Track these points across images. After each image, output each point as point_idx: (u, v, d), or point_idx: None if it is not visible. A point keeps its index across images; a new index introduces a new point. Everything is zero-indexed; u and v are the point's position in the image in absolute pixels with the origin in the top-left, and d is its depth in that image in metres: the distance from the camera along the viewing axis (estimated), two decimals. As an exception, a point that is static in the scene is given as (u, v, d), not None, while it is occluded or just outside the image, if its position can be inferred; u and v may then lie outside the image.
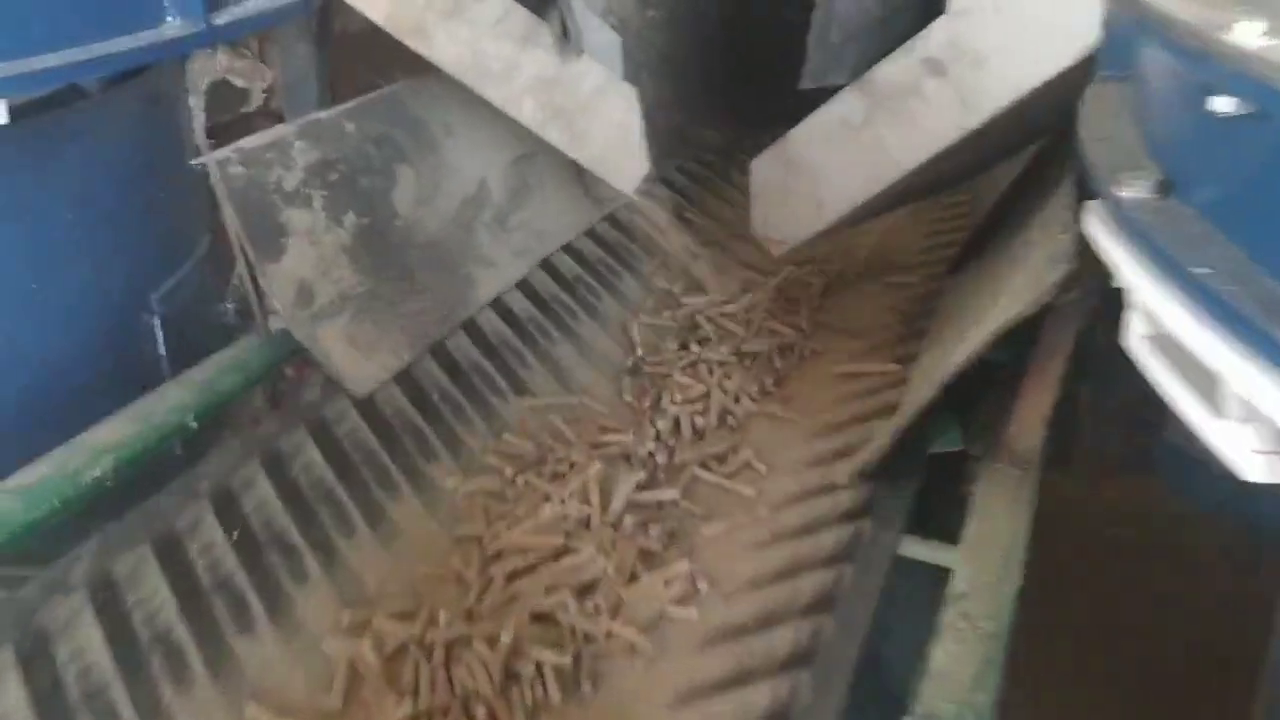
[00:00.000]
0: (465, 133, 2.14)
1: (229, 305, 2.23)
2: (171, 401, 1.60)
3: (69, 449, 1.45)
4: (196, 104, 2.01)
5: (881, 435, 1.57)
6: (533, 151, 2.29)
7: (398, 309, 1.91)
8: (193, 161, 1.65)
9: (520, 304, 2.14)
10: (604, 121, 1.99)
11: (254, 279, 1.71)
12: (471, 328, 2.02)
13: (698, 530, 1.62)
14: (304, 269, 1.76)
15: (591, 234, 2.43)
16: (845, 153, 1.77)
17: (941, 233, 2.51)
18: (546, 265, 2.27)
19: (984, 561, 1.40)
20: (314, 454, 1.64)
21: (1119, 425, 1.99)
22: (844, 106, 1.77)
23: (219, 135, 2.02)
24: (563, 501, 1.61)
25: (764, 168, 1.93)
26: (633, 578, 1.49)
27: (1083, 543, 2.14)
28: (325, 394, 1.75)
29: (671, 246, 2.22)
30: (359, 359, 1.78)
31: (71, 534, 1.40)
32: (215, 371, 1.73)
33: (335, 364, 1.73)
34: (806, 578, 1.49)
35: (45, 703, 1.21)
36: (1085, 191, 1.63)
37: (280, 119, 2.24)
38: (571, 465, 1.72)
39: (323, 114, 1.90)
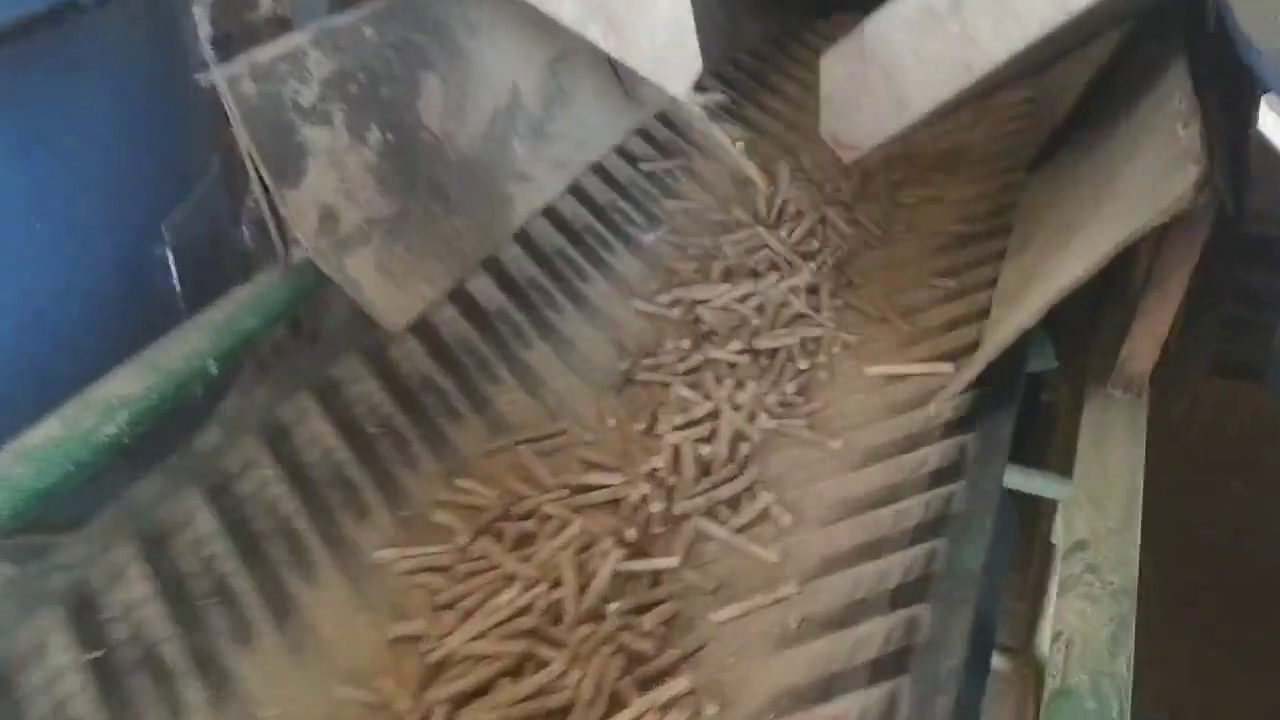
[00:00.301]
0: (493, 34, 1.95)
1: (245, 229, 2.07)
2: (189, 346, 1.45)
3: (80, 404, 1.30)
4: (201, 12, 1.83)
5: (967, 368, 1.39)
6: (566, 52, 2.09)
7: (431, 232, 1.74)
8: (199, 77, 1.48)
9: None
10: (651, 15, 1.79)
11: (272, 206, 1.55)
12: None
13: (704, 615, 1.18)
14: (327, 192, 1.59)
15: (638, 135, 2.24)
16: (930, 44, 1.58)
17: (1009, 133, 2.31)
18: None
19: (1104, 504, 1.25)
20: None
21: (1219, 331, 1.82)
22: None
23: (225, 47, 1.84)
24: (528, 585, 1.20)
25: (835, 64, 1.73)
26: (616, 704, 1.06)
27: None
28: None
29: (720, 141, 2.03)
30: (392, 290, 1.62)
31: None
32: (235, 310, 1.57)
33: (367, 296, 1.58)
34: (846, 696, 1.03)
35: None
36: (1216, 81, 1.44)
37: (289, 27, 2.05)
38: (544, 521, 1.31)
39: (338, 19, 1.71)
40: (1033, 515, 1.57)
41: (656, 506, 1.32)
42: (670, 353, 1.70)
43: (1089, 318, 1.67)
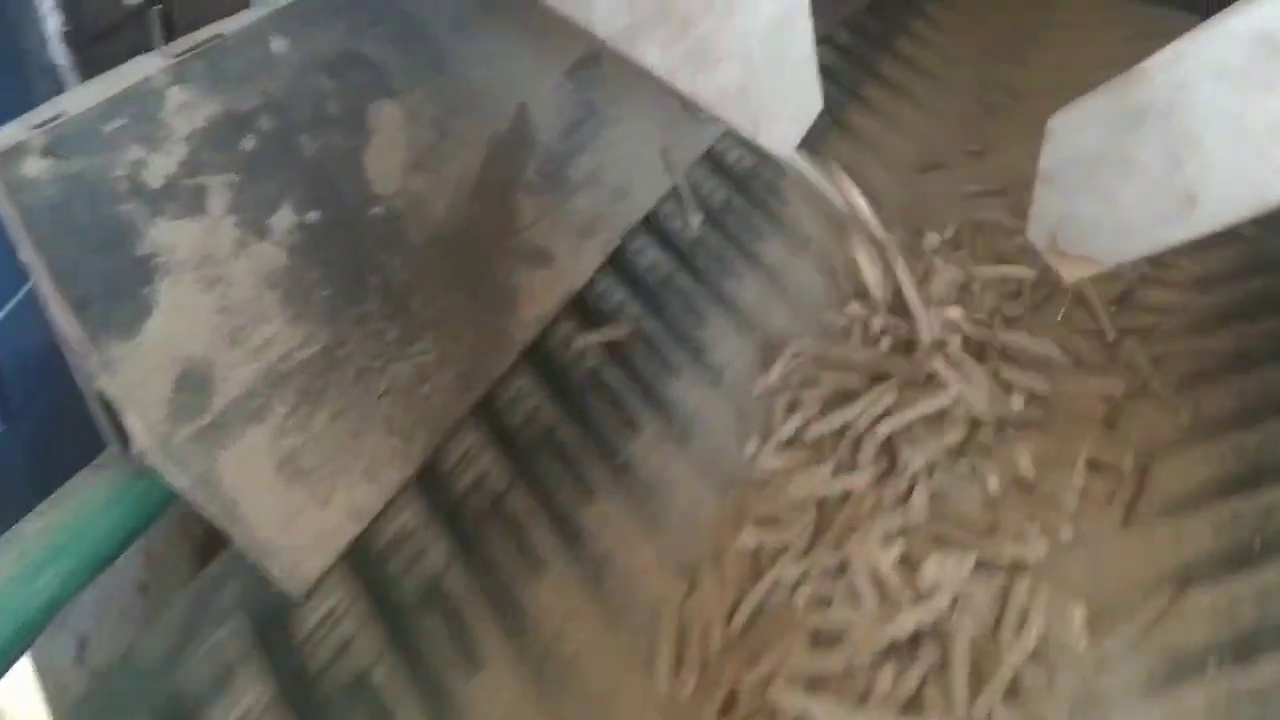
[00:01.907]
0: (489, 33, 1.25)
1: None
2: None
3: None
4: None
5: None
6: (595, 53, 1.40)
7: (381, 378, 1.06)
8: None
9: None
10: (743, 24, 1.09)
11: (90, 374, 0.87)
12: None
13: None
14: (190, 339, 0.92)
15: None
16: (1264, 101, 0.87)
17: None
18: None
19: None
20: None
21: None
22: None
23: (86, 50, 1.18)
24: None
25: (1080, 129, 1.03)
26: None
27: None
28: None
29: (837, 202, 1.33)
30: (302, 514, 0.95)
31: None
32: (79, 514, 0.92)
33: (255, 530, 0.91)
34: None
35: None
36: None
37: (171, 27, 1.34)
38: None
39: (231, 25, 1.02)
40: None
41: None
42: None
43: None
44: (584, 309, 1.34)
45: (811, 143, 1.27)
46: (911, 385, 1.21)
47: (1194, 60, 0.91)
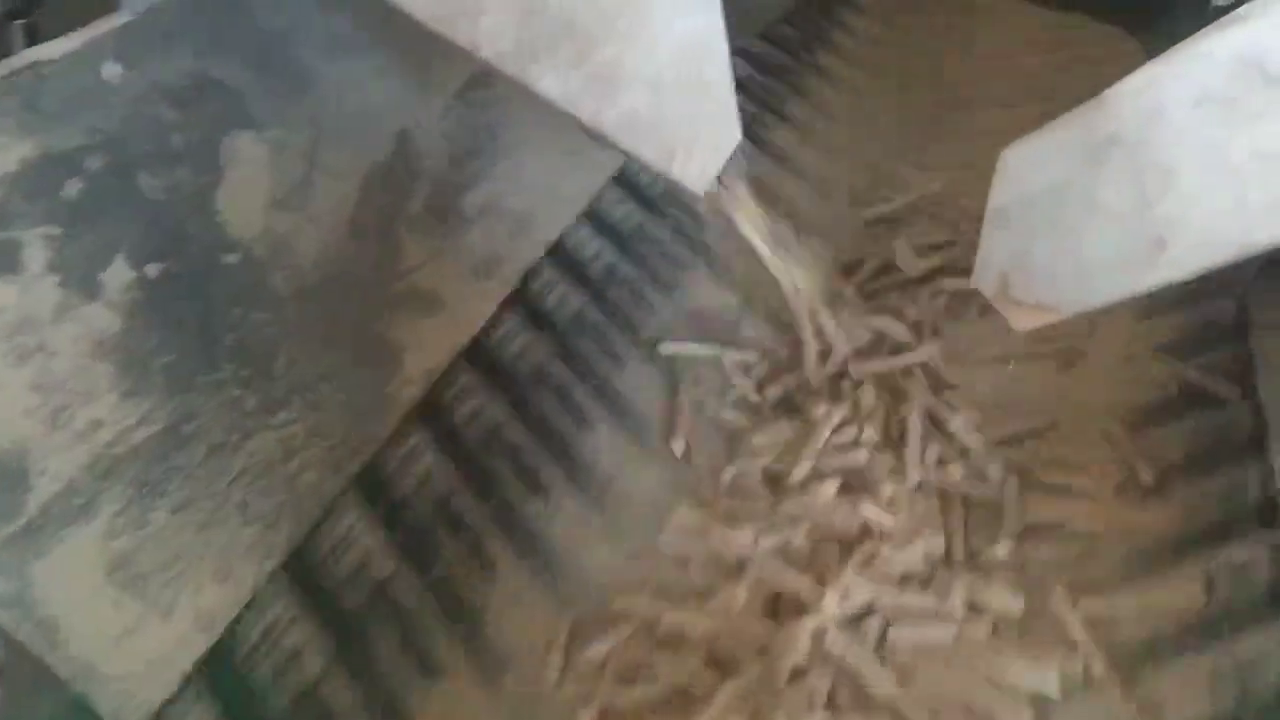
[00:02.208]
0: (366, 50, 1.11)
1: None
2: None
3: None
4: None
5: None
6: (489, 71, 1.25)
7: (236, 459, 0.91)
8: None
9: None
10: (651, 47, 0.96)
11: None
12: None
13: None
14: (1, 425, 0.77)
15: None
16: (1264, 131, 0.76)
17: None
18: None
19: None
20: None
21: None
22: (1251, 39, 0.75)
23: None
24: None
25: (1036, 164, 0.91)
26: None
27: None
28: None
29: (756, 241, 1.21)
30: (139, 634, 0.80)
31: None
32: None
33: (79, 659, 0.76)
34: None
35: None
36: None
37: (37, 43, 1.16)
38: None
39: (52, 50, 0.86)
40: None
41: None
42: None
43: None
44: (481, 357, 1.20)
45: (730, 168, 1.14)
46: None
47: (1169, 86, 0.80)
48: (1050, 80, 1.74)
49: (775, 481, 1.10)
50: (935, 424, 1.12)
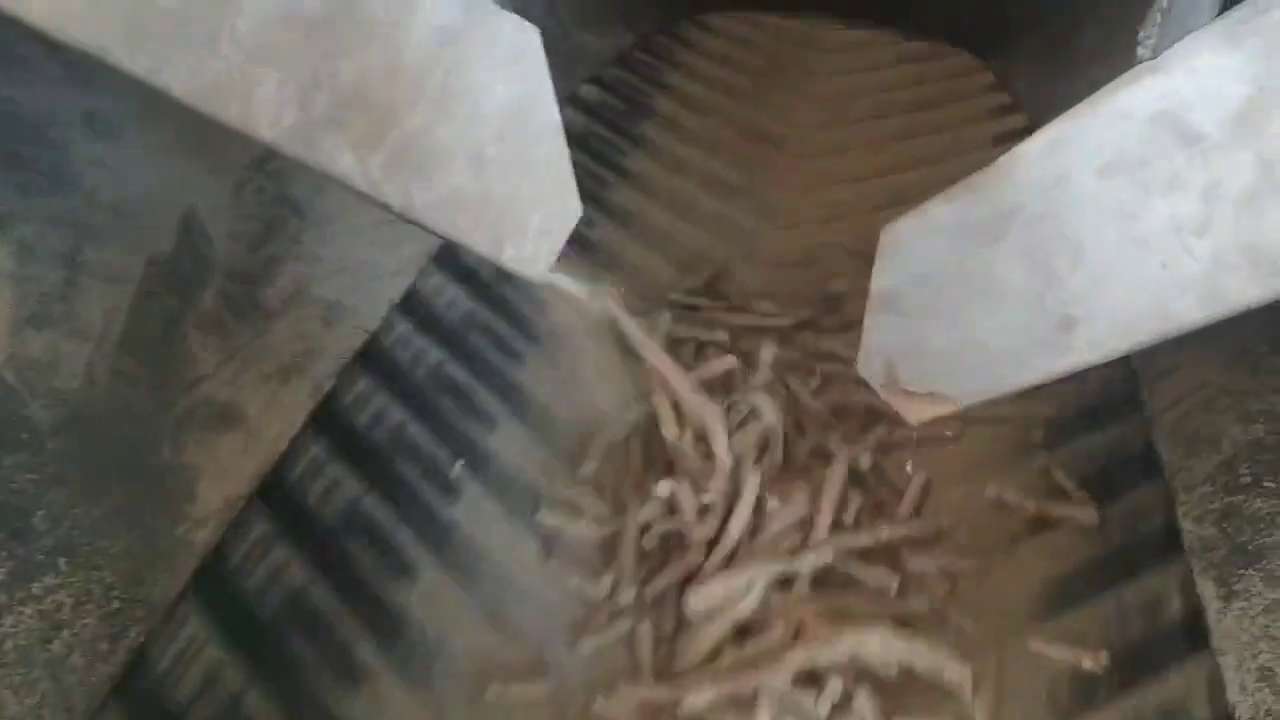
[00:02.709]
0: (139, 127, 0.94)
1: None
2: None
3: None
4: None
5: None
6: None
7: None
8: None
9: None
10: (467, 116, 0.82)
11: None
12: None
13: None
14: None
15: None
16: (1168, 198, 0.66)
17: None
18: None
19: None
20: None
21: None
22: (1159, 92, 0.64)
23: None
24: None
25: (920, 242, 0.79)
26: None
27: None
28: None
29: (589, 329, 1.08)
30: None
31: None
32: None
33: None
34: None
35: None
36: None
37: None
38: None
39: None
40: None
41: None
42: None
43: None
44: (282, 484, 1.02)
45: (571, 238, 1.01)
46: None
47: (1073, 151, 0.69)
48: (905, 123, 1.65)
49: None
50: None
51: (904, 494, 1.02)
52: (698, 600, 0.90)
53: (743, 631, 0.91)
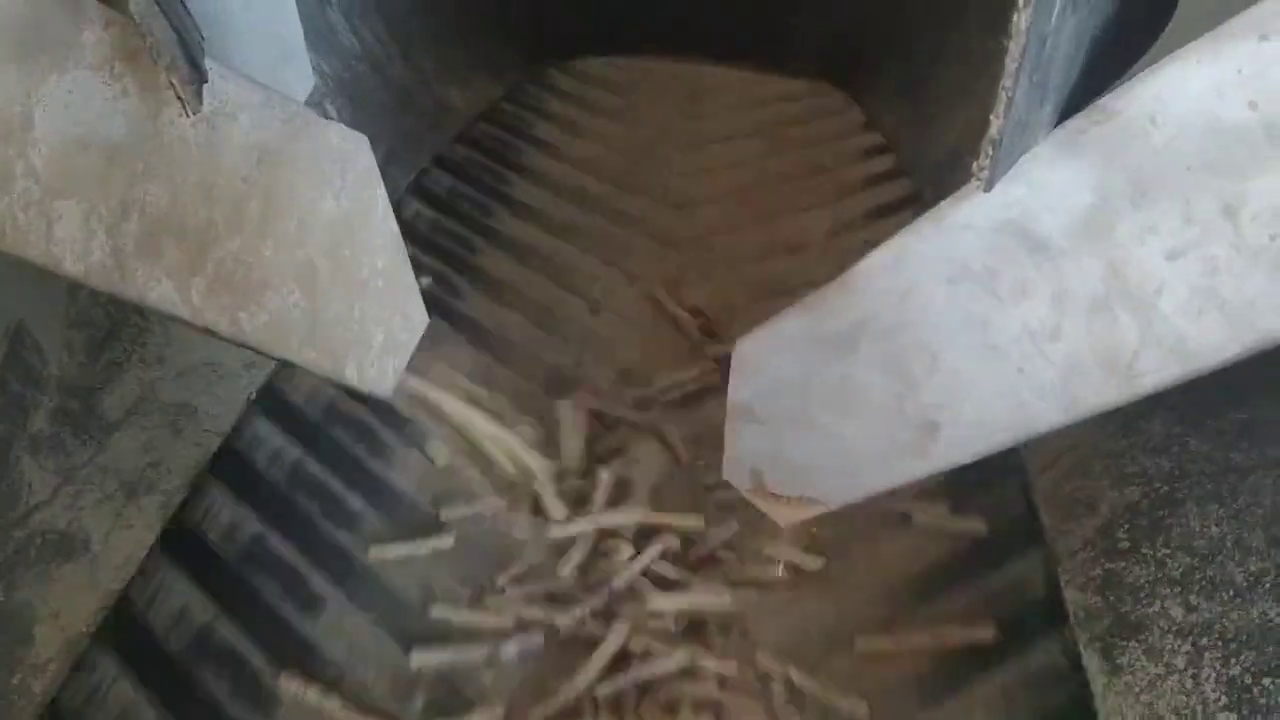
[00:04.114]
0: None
1: None
2: None
3: None
4: None
5: None
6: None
7: None
8: None
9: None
10: (293, 234, 0.77)
11: None
12: None
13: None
14: None
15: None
16: (1017, 306, 0.63)
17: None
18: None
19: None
20: None
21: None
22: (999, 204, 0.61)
23: None
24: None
25: (772, 355, 0.76)
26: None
27: None
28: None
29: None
30: None
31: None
32: None
33: None
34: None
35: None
36: None
37: None
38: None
39: None
40: None
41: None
42: None
43: None
44: (130, 616, 0.95)
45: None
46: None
47: (920, 263, 0.67)
48: (772, 165, 1.63)
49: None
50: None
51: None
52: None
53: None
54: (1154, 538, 0.94)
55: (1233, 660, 0.81)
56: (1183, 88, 0.59)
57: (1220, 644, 0.82)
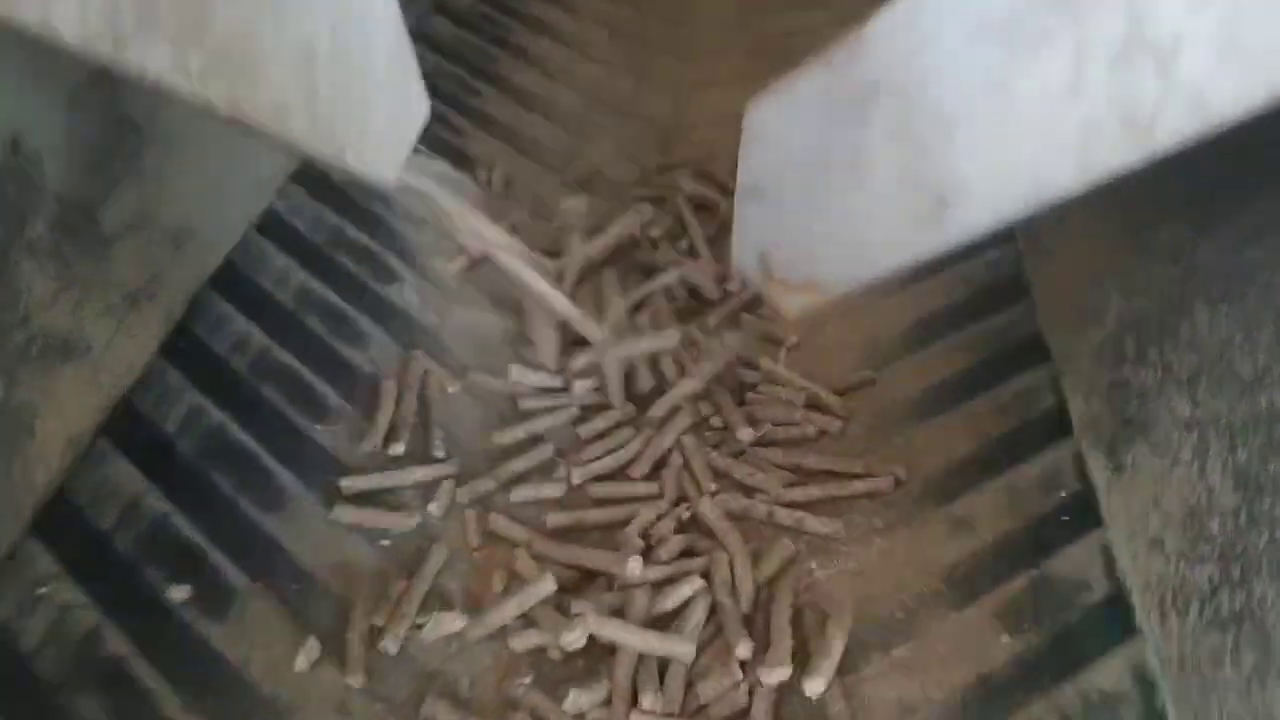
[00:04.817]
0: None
1: None
2: None
3: None
4: None
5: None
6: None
7: None
8: None
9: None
10: (296, 10, 0.75)
11: None
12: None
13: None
14: None
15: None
16: (1039, 62, 0.61)
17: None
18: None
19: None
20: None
21: None
22: None
23: None
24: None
25: (783, 123, 0.74)
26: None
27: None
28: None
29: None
30: None
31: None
32: None
33: None
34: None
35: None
36: None
37: None
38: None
39: None
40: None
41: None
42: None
43: None
44: (134, 421, 0.95)
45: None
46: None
47: (937, 15, 0.65)
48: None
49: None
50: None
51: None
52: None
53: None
54: (1161, 341, 0.93)
55: (1239, 447, 0.81)
56: None
57: (1228, 434, 0.82)
